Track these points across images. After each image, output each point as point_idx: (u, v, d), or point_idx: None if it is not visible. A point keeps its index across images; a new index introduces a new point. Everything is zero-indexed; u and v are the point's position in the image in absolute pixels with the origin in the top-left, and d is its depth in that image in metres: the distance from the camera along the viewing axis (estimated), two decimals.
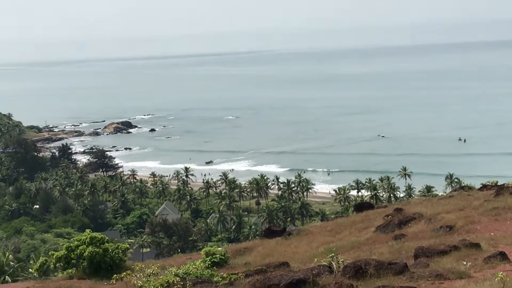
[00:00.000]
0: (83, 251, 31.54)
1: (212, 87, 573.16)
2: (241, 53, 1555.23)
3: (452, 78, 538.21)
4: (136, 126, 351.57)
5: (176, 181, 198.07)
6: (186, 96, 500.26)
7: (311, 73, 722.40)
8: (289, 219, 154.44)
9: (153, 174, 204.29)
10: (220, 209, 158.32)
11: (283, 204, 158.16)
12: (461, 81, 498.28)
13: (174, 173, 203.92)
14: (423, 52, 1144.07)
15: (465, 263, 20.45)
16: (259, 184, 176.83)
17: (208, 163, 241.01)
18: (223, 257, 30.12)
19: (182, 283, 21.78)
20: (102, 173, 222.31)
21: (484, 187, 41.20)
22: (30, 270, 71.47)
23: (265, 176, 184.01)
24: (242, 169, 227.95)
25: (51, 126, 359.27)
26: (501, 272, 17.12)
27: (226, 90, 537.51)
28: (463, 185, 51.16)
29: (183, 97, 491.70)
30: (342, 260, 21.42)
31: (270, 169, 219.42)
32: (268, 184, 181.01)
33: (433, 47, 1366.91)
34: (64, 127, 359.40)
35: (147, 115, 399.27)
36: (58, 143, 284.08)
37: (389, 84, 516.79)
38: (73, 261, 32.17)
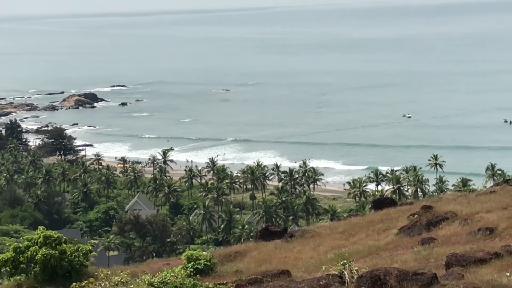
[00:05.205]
0: (34, 253, 31.54)
1: (198, 54, 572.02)
2: (233, 10, 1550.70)
3: (498, 47, 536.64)
4: (102, 99, 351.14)
5: (152, 168, 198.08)
6: (166, 64, 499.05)
7: (318, 37, 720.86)
8: (291, 217, 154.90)
9: (123, 160, 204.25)
10: (206, 204, 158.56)
11: (284, 198, 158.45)
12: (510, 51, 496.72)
13: (149, 159, 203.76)
14: (459, 12, 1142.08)
15: (508, 274, 20.51)
16: (255, 174, 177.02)
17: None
18: (208, 263, 30.18)
19: None
20: (59, 157, 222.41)
21: None
22: None
23: (262, 164, 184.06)
24: (231, 155, 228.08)
25: None
26: None
27: (215, 58, 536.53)
28: (507, 178, 51.31)
29: (161, 65, 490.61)
30: (356, 268, 21.51)
31: (266, 156, 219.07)
32: (266, 174, 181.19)
33: (470, 5, 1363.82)
34: (13, 99, 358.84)
35: (116, 86, 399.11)
36: (5, 119, 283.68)
37: (416, 53, 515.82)
38: (22, 265, 32.17)
